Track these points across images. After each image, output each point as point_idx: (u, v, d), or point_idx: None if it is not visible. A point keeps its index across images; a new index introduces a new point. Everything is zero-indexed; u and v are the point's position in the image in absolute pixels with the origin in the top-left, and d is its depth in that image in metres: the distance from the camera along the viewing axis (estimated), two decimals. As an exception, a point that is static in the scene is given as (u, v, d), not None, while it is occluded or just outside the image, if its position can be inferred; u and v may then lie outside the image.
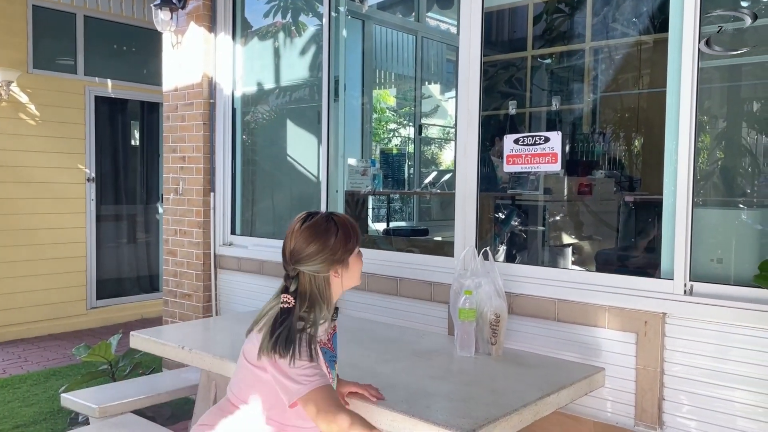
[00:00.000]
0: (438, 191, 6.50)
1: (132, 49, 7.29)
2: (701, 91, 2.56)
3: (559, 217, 4.52)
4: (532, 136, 3.02)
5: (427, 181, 6.83)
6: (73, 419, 4.04)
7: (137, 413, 3.35)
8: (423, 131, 7.35)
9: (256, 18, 4.92)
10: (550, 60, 5.72)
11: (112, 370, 4.20)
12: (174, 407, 4.14)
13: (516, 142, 3.06)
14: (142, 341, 3.12)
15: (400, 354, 2.79)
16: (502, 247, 4.32)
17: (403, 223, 6.62)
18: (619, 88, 5.25)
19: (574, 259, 4.35)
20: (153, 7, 4.65)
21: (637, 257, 3.87)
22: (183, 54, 4.67)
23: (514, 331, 2.91)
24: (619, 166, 5.04)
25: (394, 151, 6.85)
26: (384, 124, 8.30)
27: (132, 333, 3.17)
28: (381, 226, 5.89)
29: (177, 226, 4.73)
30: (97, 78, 6.89)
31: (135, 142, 7.55)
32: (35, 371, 5.22)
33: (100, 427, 3.15)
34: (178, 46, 4.69)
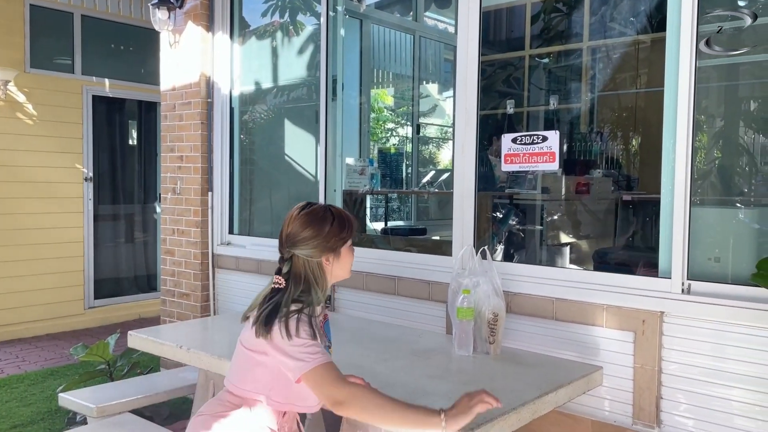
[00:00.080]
0: (436, 190, 6.50)
1: (129, 49, 7.28)
2: (699, 91, 2.56)
3: (556, 216, 4.53)
4: (530, 136, 3.03)
5: (425, 180, 6.82)
6: (71, 419, 4.04)
7: (135, 413, 3.35)
8: (421, 131, 7.35)
9: (254, 17, 4.92)
10: (547, 59, 5.72)
11: (110, 370, 4.19)
12: (172, 407, 4.14)
13: (514, 141, 3.07)
14: (140, 341, 3.12)
15: (399, 353, 2.79)
16: (500, 246, 4.32)
17: (401, 223, 6.62)
18: (617, 88, 5.26)
19: (571, 258, 4.35)
20: (150, 7, 4.65)
21: (635, 256, 3.87)
22: (181, 53, 4.67)
23: (512, 330, 2.91)
24: (616, 166, 5.04)
25: (392, 151, 6.83)
26: (382, 123, 8.30)
27: (130, 332, 3.17)
28: (379, 226, 5.88)
29: (175, 225, 4.73)
30: (94, 77, 6.88)
31: (133, 142, 7.54)
32: (33, 371, 5.21)
33: (98, 427, 3.15)
34: (175, 46, 4.69)
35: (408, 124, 7.45)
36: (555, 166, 3.03)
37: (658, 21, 4.59)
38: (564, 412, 2.73)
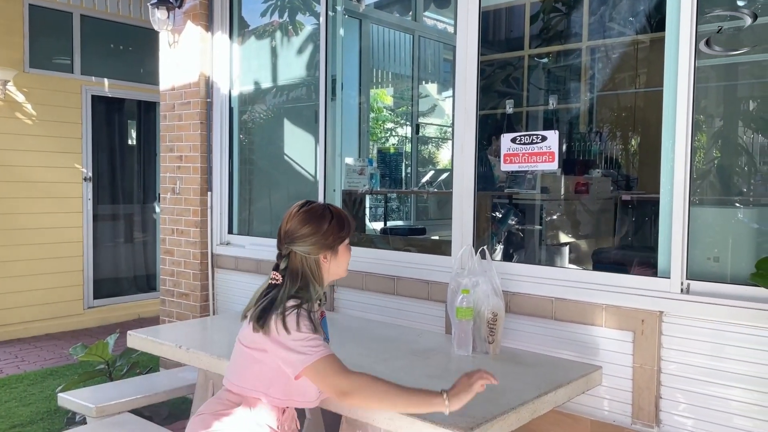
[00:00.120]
0: (435, 190, 6.50)
1: (129, 49, 7.27)
2: (698, 90, 2.56)
3: (556, 216, 4.53)
4: (530, 135, 3.03)
5: (424, 180, 6.82)
6: (70, 419, 4.03)
7: (134, 413, 3.35)
8: (420, 130, 7.35)
9: (253, 17, 4.92)
10: (547, 59, 5.73)
11: (109, 370, 4.19)
12: (171, 407, 4.14)
13: (513, 141, 3.07)
14: (139, 341, 3.12)
15: (398, 353, 2.79)
16: (500, 246, 4.33)
17: (400, 222, 6.62)
18: (616, 87, 5.26)
19: (571, 257, 4.36)
20: (150, 6, 4.64)
21: (634, 256, 3.87)
22: (180, 53, 4.66)
23: (511, 330, 2.91)
24: (616, 165, 5.05)
25: (392, 151, 6.84)
26: (381, 123, 8.30)
27: (129, 332, 3.17)
28: (378, 226, 5.89)
29: (174, 225, 4.73)
30: (93, 77, 6.88)
31: (132, 142, 7.54)
32: (32, 371, 5.21)
33: (97, 427, 3.15)
34: (175, 45, 4.68)
35: (407, 123, 7.45)
36: (554, 166, 3.03)
37: (657, 21, 4.60)
38: (563, 412, 2.73)
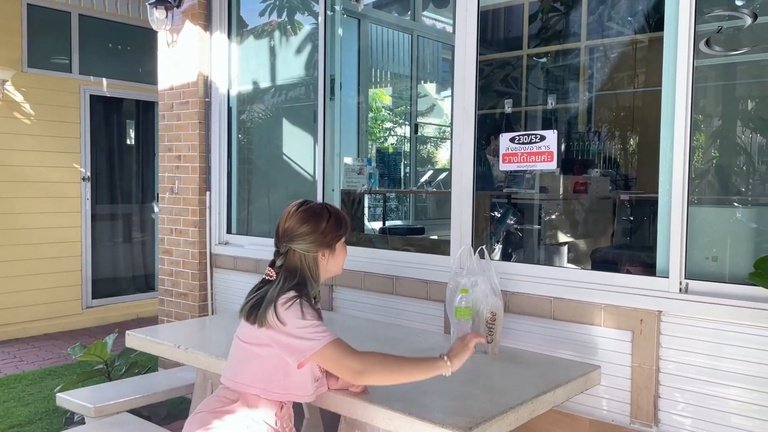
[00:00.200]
0: (434, 190, 6.50)
1: (127, 48, 7.27)
2: (696, 90, 2.57)
3: (554, 216, 4.53)
4: (528, 135, 3.03)
5: (423, 179, 6.83)
6: (68, 419, 4.03)
7: (133, 413, 3.35)
8: (419, 130, 7.35)
9: (252, 17, 4.91)
10: (545, 59, 5.73)
11: (107, 370, 4.19)
12: (170, 407, 4.13)
13: (512, 140, 3.07)
14: (137, 341, 3.11)
15: (397, 353, 2.77)
16: (498, 246, 4.33)
17: (399, 222, 6.63)
18: (615, 87, 5.26)
19: (569, 257, 4.36)
20: (148, 6, 4.64)
21: (633, 255, 3.88)
22: (178, 53, 4.66)
23: (510, 330, 2.91)
24: (614, 165, 5.05)
25: (390, 150, 6.85)
26: (380, 122, 8.29)
27: (128, 332, 3.17)
28: (377, 225, 5.89)
29: (173, 225, 4.72)
30: (92, 77, 6.87)
31: (130, 141, 7.53)
32: (30, 371, 5.21)
33: (95, 427, 3.15)
34: (173, 45, 4.68)
35: (406, 123, 7.45)
36: (553, 166, 3.03)
37: (655, 20, 4.60)
38: (562, 412, 2.73)
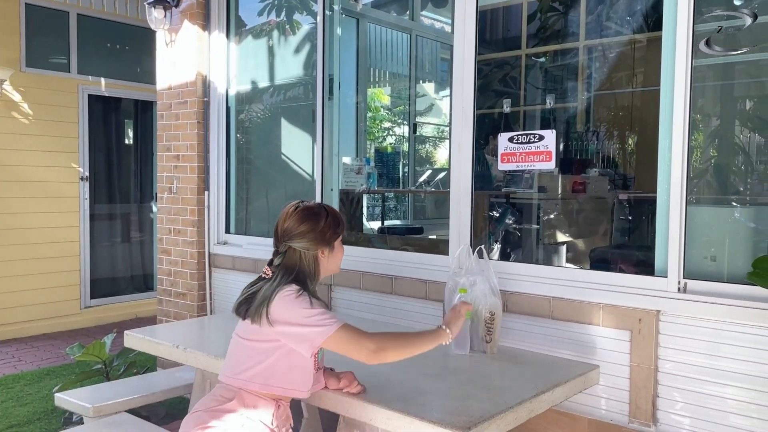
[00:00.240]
0: (432, 190, 6.50)
1: (125, 48, 7.26)
2: (695, 90, 2.57)
3: (553, 215, 4.54)
4: (527, 135, 3.03)
5: (421, 179, 6.83)
6: (67, 419, 4.03)
7: (132, 413, 3.34)
8: (417, 130, 7.35)
9: (250, 16, 4.91)
10: (544, 58, 5.73)
11: (106, 370, 4.18)
12: (169, 406, 4.13)
13: (510, 140, 3.07)
14: (136, 340, 3.11)
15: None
16: (497, 245, 4.33)
17: (397, 222, 6.63)
18: (613, 87, 5.27)
19: (568, 257, 4.36)
20: (146, 5, 4.63)
21: (631, 255, 3.89)
22: (177, 52, 4.66)
23: (509, 329, 2.91)
24: (613, 165, 5.06)
25: (389, 150, 6.85)
26: (378, 122, 8.29)
27: (126, 332, 3.17)
28: (376, 225, 5.89)
29: (171, 225, 4.72)
30: (90, 76, 6.86)
31: (129, 141, 7.53)
32: (29, 371, 5.20)
33: (94, 427, 3.14)
34: (171, 45, 4.68)
35: (405, 123, 7.45)
36: (551, 165, 3.03)
37: (654, 20, 4.60)
38: (561, 411, 2.73)
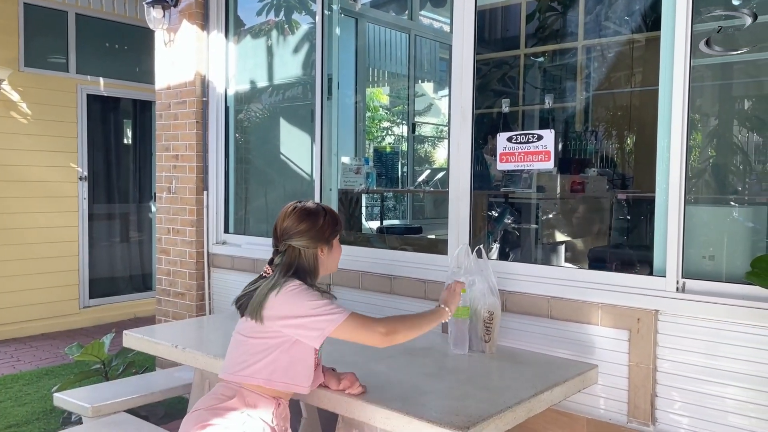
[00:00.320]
0: (431, 189, 6.51)
1: (124, 47, 7.25)
2: (693, 89, 2.57)
3: (552, 215, 4.54)
4: (525, 134, 3.03)
5: (420, 179, 6.83)
6: (66, 419, 4.03)
7: (131, 412, 3.34)
8: (416, 129, 7.35)
9: (249, 16, 4.91)
10: (543, 58, 5.73)
11: (105, 370, 4.18)
12: (167, 406, 4.13)
13: (509, 140, 3.07)
14: (135, 340, 3.11)
15: (395, 352, 2.78)
16: (496, 245, 4.33)
17: (396, 222, 6.64)
18: (612, 87, 5.27)
19: (567, 256, 4.36)
20: (145, 5, 4.63)
21: (630, 254, 3.89)
22: (175, 52, 4.65)
23: (507, 329, 2.91)
24: (611, 164, 5.06)
25: (388, 150, 6.85)
26: (377, 122, 8.29)
27: (125, 332, 3.17)
28: (374, 225, 5.89)
29: (170, 224, 4.72)
30: (89, 76, 6.86)
31: (127, 141, 7.52)
32: (27, 371, 5.20)
33: (93, 427, 3.14)
34: (170, 44, 4.67)
35: (403, 122, 7.46)
36: (550, 165, 3.03)
37: (652, 20, 4.61)
38: (559, 411, 2.74)
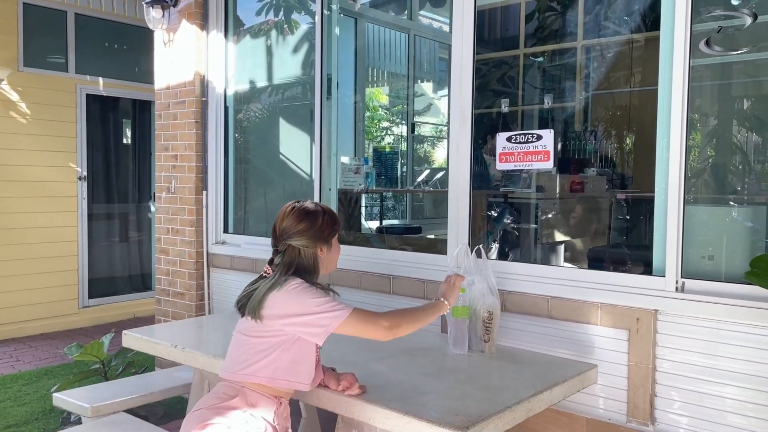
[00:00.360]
0: (431, 189, 6.50)
1: (123, 47, 7.25)
2: (692, 89, 2.57)
3: (551, 215, 4.54)
4: (525, 134, 3.03)
5: (419, 179, 6.83)
6: (65, 419, 4.03)
7: (130, 412, 3.34)
8: (416, 129, 7.35)
9: (249, 16, 4.91)
10: (542, 58, 5.73)
11: (104, 370, 4.18)
12: (167, 406, 4.13)
13: (508, 140, 3.07)
14: (134, 340, 3.11)
15: (394, 352, 2.79)
16: (495, 245, 4.33)
17: (396, 221, 6.63)
18: (611, 87, 5.27)
19: (566, 256, 4.36)
20: (144, 5, 4.63)
21: (629, 254, 3.89)
22: (175, 52, 4.65)
23: (507, 329, 2.91)
24: (611, 164, 5.06)
25: (387, 149, 6.85)
26: (377, 122, 8.29)
27: (124, 332, 3.17)
28: (374, 224, 5.89)
29: (169, 224, 4.72)
30: (88, 76, 6.86)
31: (127, 141, 7.52)
32: (27, 371, 5.20)
33: (92, 427, 3.14)
34: (170, 44, 4.67)
35: (403, 122, 7.46)
36: (549, 165, 3.03)
37: (652, 20, 4.61)
38: (559, 410, 2.74)
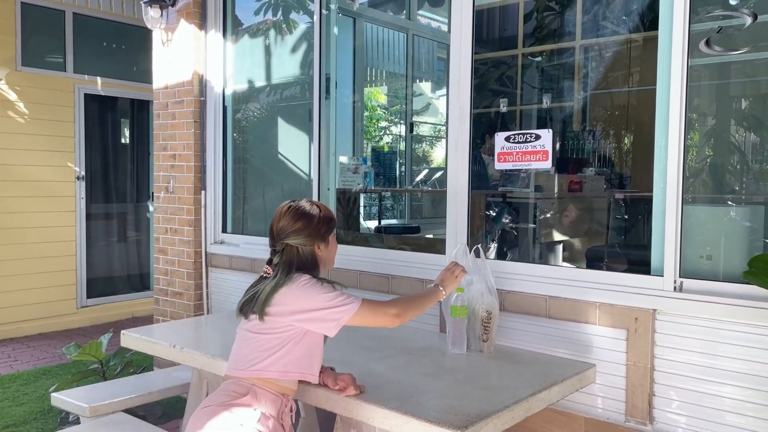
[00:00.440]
0: (429, 189, 6.51)
1: (122, 47, 7.24)
2: (691, 89, 2.57)
3: (549, 215, 4.54)
4: (523, 134, 3.03)
5: (418, 178, 6.83)
6: (63, 419, 4.02)
7: (128, 412, 3.34)
8: (414, 129, 7.35)
9: (247, 15, 4.91)
10: (540, 58, 5.74)
11: (102, 369, 4.18)
12: (165, 406, 4.13)
13: (507, 139, 3.07)
14: (133, 340, 3.11)
15: (393, 352, 2.79)
16: (494, 245, 4.33)
17: (394, 221, 6.63)
18: (609, 86, 5.28)
19: (564, 256, 4.37)
20: (143, 4, 4.63)
21: (628, 254, 3.89)
22: (173, 51, 4.65)
23: (505, 328, 2.92)
24: (609, 164, 5.07)
25: (386, 149, 6.85)
26: (375, 121, 8.29)
27: (123, 332, 3.16)
28: (372, 224, 5.89)
29: (168, 224, 4.71)
30: (86, 75, 6.85)
31: (125, 140, 7.51)
32: (25, 371, 5.19)
33: (91, 427, 3.14)
34: (168, 44, 4.67)
35: (401, 122, 7.45)
36: (548, 165, 3.04)
37: (650, 20, 4.61)
38: (557, 410, 2.74)
